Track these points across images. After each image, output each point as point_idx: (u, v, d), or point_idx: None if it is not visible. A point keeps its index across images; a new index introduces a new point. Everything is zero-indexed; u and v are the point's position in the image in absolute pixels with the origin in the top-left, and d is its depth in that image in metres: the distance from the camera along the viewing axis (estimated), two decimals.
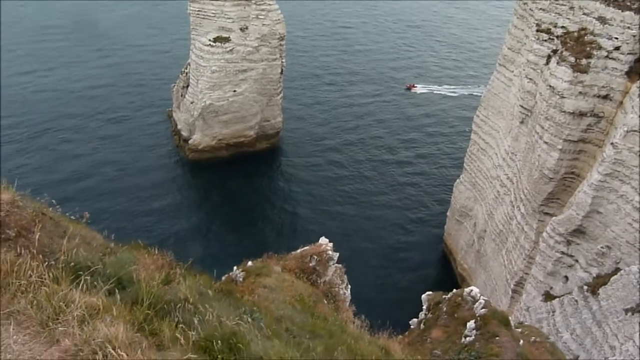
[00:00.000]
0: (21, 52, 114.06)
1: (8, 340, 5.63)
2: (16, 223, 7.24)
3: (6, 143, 79.84)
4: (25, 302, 5.95)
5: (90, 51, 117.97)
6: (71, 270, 6.74)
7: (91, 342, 5.24)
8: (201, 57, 76.62)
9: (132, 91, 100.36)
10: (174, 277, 8.04)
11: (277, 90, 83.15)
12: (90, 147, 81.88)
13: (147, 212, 69.24)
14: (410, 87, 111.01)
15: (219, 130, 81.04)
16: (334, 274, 21.03)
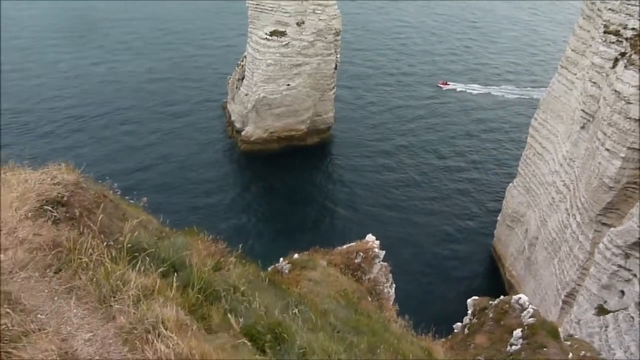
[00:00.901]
0: (94, 44, 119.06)
1: (69, 314, 5.95)
2: (80, 203, 7.60)
3: (73, 130, 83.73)
4: (86, 279, 6.27)
5: (153, 44, 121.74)
6: (128, 252, 7.03)
7: (145, 322, 5.46)
8: (257, 50, 77.70)
9: (190, 83, 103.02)
10: (224, 265, 8.24)
11: (330, 85, 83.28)
12: (149, 136, 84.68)
13: (198, 198, 71.13)
14: (442, 84, 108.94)
15: (271, 123, 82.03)
16: (379, 271, 20.94)
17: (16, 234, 6.91)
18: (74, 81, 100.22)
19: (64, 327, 5.76)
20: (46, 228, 7.05)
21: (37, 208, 7.32)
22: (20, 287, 6.30)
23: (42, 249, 6.72)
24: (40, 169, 8.37)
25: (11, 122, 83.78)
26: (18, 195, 7.50)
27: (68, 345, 5.41)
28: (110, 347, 5.39)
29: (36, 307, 6.06)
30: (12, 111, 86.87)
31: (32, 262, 6.60)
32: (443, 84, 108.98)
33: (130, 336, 5.36)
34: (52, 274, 6.51)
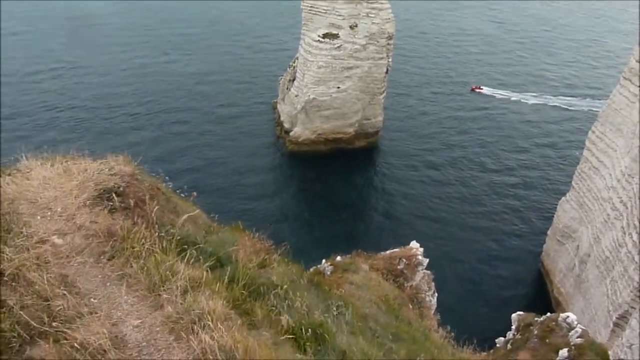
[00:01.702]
0: (151, 44, 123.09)
1: (120, 300, 6.20)
2: (134, 194, 7.89)
3: (128, 128, 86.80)
4: (137, 267, 6.50)
5: (209, 45, 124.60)
6: (178, 243, 7.24)
7: (191, 312, 5.61)
8: (309, 52, 78.26)
9: (242, 84, 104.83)
10: (269, 262, 8.35)
11: (381, 89, 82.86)
12: (200, 134, 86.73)
13: (244, 195, 72.29)
14: (475, 89, 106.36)
15: (320, 124, 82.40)
16: (421, 279, 20.66)
17: (74, 220, 7.26)
18: (131, 79, 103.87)
19: (114, 312, 6.00)
20: (102, 216, 7.37)
21: (95, 197, 7.66)
22: (76, 271, 6.61)
23: (97, 236, 7.03)
24: (99, 160, 8.76)
25: (70, 118, 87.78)
26: (78, 184, 7.87)
27: (118, 330, 5.63)
28: (157, 335, 5.57)
29: (90, 291, 6.33)
30: (71, 106, 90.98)
31: (87, 248, 6.91)
32: (476, 88, 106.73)
33: (177, 325, 5.52)
34: (106, 260, 6.79)
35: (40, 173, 8.27)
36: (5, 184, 7.87)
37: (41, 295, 6.13)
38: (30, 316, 5.95)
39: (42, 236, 6.95)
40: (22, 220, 7.21)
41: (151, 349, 5.40)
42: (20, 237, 6.90)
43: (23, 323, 5.95)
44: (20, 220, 7.23)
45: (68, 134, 78.98)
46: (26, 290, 6.26)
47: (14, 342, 5.92)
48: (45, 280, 6.21)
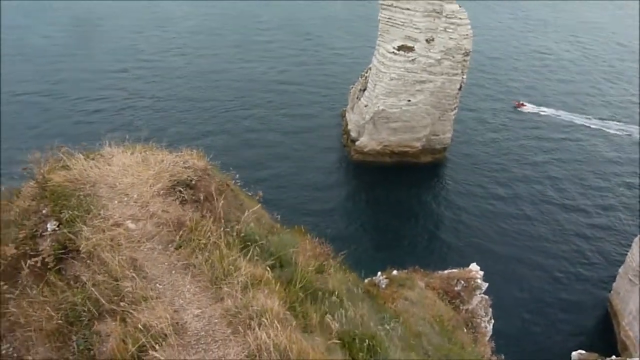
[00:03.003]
0: (232, 44, 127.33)
1: (183, 288, 6.45)
2: (205, 188, 8.19)
3: (201, 122, 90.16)
4: (202, 259, 6.74)
5: (288, 48, 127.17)
6: (242, 240, 7.44)
7: (249, 308, 5.75)
8: (383, 63, 78.10)
9: (315, 89, 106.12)
10: (327, 268, 8.40)
11: (452, 106, 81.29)
12: (268, 136, 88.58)
13: (306, 199, 73.01)
14: (518, 106, 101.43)
15: (387, 136, 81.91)
16: (478, 303, 20.03)
17: (148, 208, 7.63)
18: (210, 76, 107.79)
19: (177, 299, 6.25)
20: (174, 206, 7.70)
21: (169, 187, 8.02)
22: (145, 256, 6.94)
23: (167, 225, 7.35)
24: (175, 153, 9.16)
25: (151, 112, 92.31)
26: (154, 174, 8.28)
27: (179, 317, 5.86)
28: (216, 326, 5.75)
29: (156, 276, 6.63)
30: (152, 103, 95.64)
31: (158, 235, 7.24)
32: (519, 105, 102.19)
33: (235, 319, 5.67)
34: (173, 249, 7.09)
35: (121, 160, 8.75)
36: (89, 167, 8.40)
37: (112, 275, 6.49)
38: (101, 293, 6.32)
39: (117, 220, 7.36)
40: (101, 203, 7.66)
41: (209, 339, 5.58)
42: (97, 219, 7.34)
43: (93, 299, 6.32)
44: (99, 202, 7.69)
45: (149, 126, 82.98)
46: (99, 268, 6.66)
47: (84, 316, 6.30)
48: (116, 261, 6.57)
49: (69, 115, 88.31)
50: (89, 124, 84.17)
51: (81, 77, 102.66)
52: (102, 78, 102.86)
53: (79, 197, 7.68)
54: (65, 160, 8.61)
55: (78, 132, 75.21)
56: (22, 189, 8.68)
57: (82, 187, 7.93)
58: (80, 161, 8.53)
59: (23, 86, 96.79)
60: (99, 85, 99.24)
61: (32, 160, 8.70)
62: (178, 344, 5.43)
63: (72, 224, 7.21)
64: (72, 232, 7.09)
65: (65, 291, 6.59)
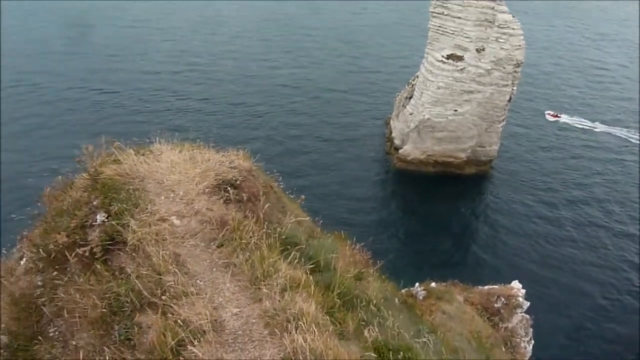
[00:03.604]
0: (282, 49, 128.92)
1: (223, 287, 6.53)
2: (249, 189, 8.30)
3: (247, 127, 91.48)
4: (242, 259, 6.82)
5: (335, 55, 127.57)
6: (282, 243, 7.49)
7: (287, 311, 5.77)
8: (430, 71, 77.22)
9: (361, 97, 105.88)
10: (366, 275, 8.34)
11: (500, 117, 79.48)
12: (312, 139, 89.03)
13: (347, 206, 72.76)
14: (553, 117, 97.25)
15: (431, 146, 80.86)
16: (519, 322, 19.44)
17: (193, 205, 7.78)
18: (257, 81, 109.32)
19: (216, 297, 6.33)
20: (218, 205, 7.83)
21: (214, 186, 8.17)
22: (187, 252, 7.08)
23: (211, 223, 7.47)
24: (221, 152, 9.33)
25: (200, 111, 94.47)
26: (200, 172, 8.45)
27: (218, 314, 5.94)
28: (253, 327, 5.79)
29: (197, 273, 6.75)
30: (203, 102, 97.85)
31: (201, 232, 7.38)
32: (554, 116, 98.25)
33: (272, 321, 5.70)
34: (215, 247, 7.20)
35: (169, 157, 8.98)
36: (139, 162, 8.65)
37: (155, 269, 6.65)
38: (144, 286, 6.48)
39: (163, 215, 7.53)
40: (149, 198, 7.87)
41: (245, 339, 5.63)
42: (144, 213, 7.54)
43: (136, 291, 6.49)
44: (147, 197, 7.90)
45: (196, 126, 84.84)
46: (143, 262, 6.83)
47: (127, 306, 6.47)
48: (160, 255, 6.72)
49: (121, 112, 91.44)
50: (140, 122, 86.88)
51: (135, 76, 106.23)
52: (154, 78, 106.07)
53: (128, 190, 7.91)
54: (117, 155, 8.90)
55: (129, 128, 77.68)
56: (75, 181, 9.03)
57: (131, 182, 8.16)
58: (130, 156, 8.80)
59: (80, 82, 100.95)
60: (151, 85, 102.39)
61: (85, 153, 9.02)
62: (216, 341, 5.50)
63: (121, 216, 7.42)
64: (120, 224, 7.31)
65: (110, 281, 6.78)
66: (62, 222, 8.04)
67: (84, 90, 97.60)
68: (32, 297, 7.79)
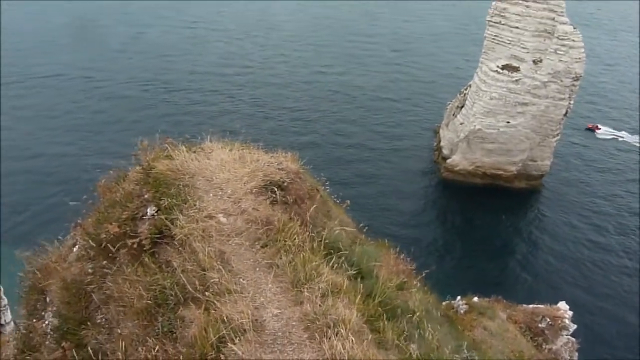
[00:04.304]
0: (332, 55, 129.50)
1: (265, 287, 6.57)
2: (295, 191, 8.34)
3: (294, 132, 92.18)
4: (286, 260, 6.84)
5: (386, 63, 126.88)
6: (325, 247, 7.47)
7: (327, 316, 5.74)
8: (484, 81, 75.65)
9: (409, 102, 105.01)
10: (408, 286, 8.22)
11: (555, 132, 76.92)
12: (359, 145, 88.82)
13: (391, 214, 72.19)
14: (592, 128, 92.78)
15: (480, 157, 79.16)
16: (564, 345, 18.71)
17: (240, 204, 7.89)
18: (308, 85, 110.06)
19: (258, 297, 6.38)
20: (264, 205, 7.90)
21: (261, 186, 8.25)
22: (232, 251, 7.17)
23: (256, 223, 7.55)
24: (270, 154, 9.43)
25: (250, 111, 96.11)
26: (249, 172, 8.56)
27: (259, 314, 5.98)
28: (293, 329, 5.79)
29: (241, 271, 6.82)
30: (253, 103, 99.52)
31: (246, 231, 7.46)
32: (593, 127, 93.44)
33: (312, 325, 5.68)
34: (259, 247, 7.26)
35: (219, 155, 9.14)
36: (190, 159, 8.85)
37: (200, 265, 6.77)
38: (188, 281, 6.61)
39: (210, 212, 7.67)
40: (197, 195, 8.04)
41: (285, 341, 5.64)
42: (193, 209, 7.70)
43: (181, 285, 6.63)
44: (195, 194, 8.06)
45: (246, 126, 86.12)
46: (189, 257, 6.97)
47: (171, 299, 6.62)
48: (206, 252, 6.84)
49: (174, 110, 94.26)
50: (192, 120, 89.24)
51: (188, 76, 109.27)
52: (207, 78, 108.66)
53: (178, 186, 8.10)
54: (169, 151, 9.14)
55: (182, 126, 79.86)
56: (129, 174, 9.33)
57: (182, 178, 8.36)
58: (182, 153, 9.02)
59: (136, 80, 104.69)
60: (204, 85, 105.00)
61: (140, 148, 9.32)
62: (255, 341, 5.53)
63: (170, 211, 7.60)
64: (169, 219, 7.49)
65: (156, 274, 6.95)
66: (114, 213, 8.32)
67: (140, 88, 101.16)
68: (83, 284, 8.09)
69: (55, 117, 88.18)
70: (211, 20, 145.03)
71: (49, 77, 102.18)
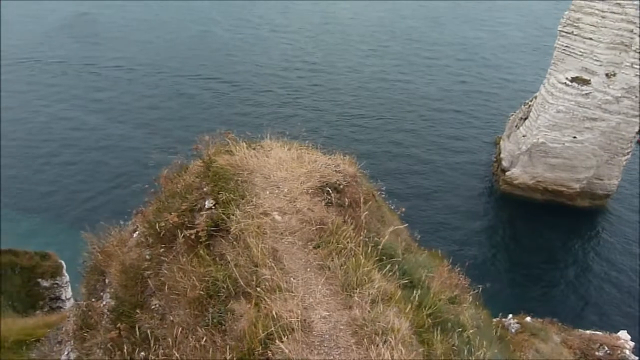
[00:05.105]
0: (393, 59, 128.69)
1: (315, 288, 6.56)
2: (351, 195, 8.30)
3: (354, 130, 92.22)
4: (337, 263, 6.81)
5: (450, 71, 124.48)
6: (378, 253, 7.39)
7: (376, 323, 5.66)
8: (551, 93, 72.78)
9: (471, 111, 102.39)
10: (460, 300, 8.00)
11: (625, 150, 72.94)
12: (416, 152, 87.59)
13: (444, 223, 70.70)
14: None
15: (542, 172, 76.19)
16: None
17: (295, 204, 7.93)
18: (369, 87, 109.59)
19: (308, 297, 6.38)
20: (319, 207, 7.91)
21: (317, 187, 8.26)
22: (285, 249, 7.21)
23: (310, 223, 7.56)
24: (328, 155, 9.43)
25: (309, 108, 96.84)
26: (306, 172, 8.59)
27: (307, 315, 5.97)
28: (340, 333, 5.75)
29: (292, 270, 6.85)
30: (311, 104, 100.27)
31: (300, 231, 7.49)
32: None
33: (360, 331, 5.62)
34: (312, 247, 7.27)
35: (278, 154, 9.24)
36: (249, 156, 8.99)
37: (253, 261, 6.85)
38: (240, 275, 6.70)
39: (266, 209, 7.75)
40: (255, 191, 8.15)
41: (332, 344, 5.60)
42: (249, 205, 7.81)
43: (233, 279, 6.73)
44: (253, 190, 8.18)
45: (304, 126, 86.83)
46: (242, 252, 7.07)
47: (222, 292, 6.73)
48: (259, 248, 6.91)
49: (237, 107, 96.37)
50: (253, 117, 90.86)
51: (252, 75, 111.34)
52: (271, 78, 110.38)
53: (236, 181, 8.24)
54: (230, 146, 9.32)
55: (243, 123, 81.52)
56: (190, 166, 9.60)
57: (240, 173, 8.50)
58: (242, 149, 9.17)
59: (201, 77, 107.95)
60: (267, 84, 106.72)
61: (201, 142, 9.56)
62: (303, 341, 5.53)
63: (227, 205, 7.75)
64: (226, 213, 7.62)
65: (210, 266, 7.09)
66: (174, 204, 8.57)
67: (205, 85, 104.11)
68: (140, 269, 8.37)
69: (127, 109, 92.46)
70: (276, 21, 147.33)
71: (123, 70, 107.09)
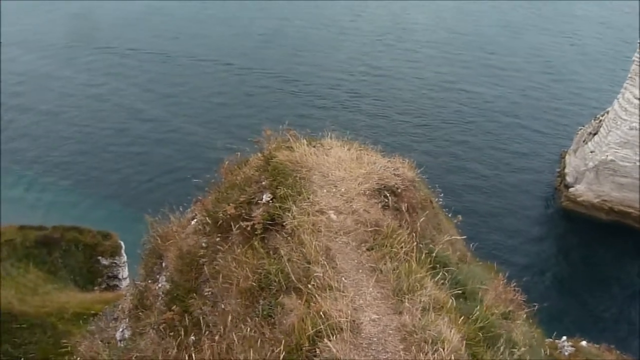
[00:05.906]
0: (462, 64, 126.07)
1: (365, 290, 6.55)
2: (408, 199, 8.22)
3: (415, 136, 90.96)
4: (390, 267, 6.76)
5: (523, 79, 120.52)
6: (432, 260, 7.28)
7: (426, 331, 5.59)
8: (625, 109, 69.16)
9: (538, 124, 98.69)
10: (514, 317, 7.76)
11: None
12: (475, 161, 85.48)
13: (501, 234, 68.71)
14: None
15: (609, 190, 72.57)
16: None
17: (351, 204, 7.94)
18: (432, 93, 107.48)
19: (358, 299, 6.37)
20: (375, 209, 7.88)
21: (374, 189, 8.24)
22: (338, 248, 7.24)
23: (365, 225, 7.55)
24: (387, 158, 9.38)
25: (372, 110, 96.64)
26: (364, 173, 8.59)
27: (356, 316, 5.97)
28: (389, 337, 5.71)
29: (344, 270, 6.86)
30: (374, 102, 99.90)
31: (354, 232, 7.49)
32: None
33: (409, 337, 5.56)
34: (365, 249, 7.26)
35: (337, 153, 9.27)
36: (309, 153, 9.08)
37: (306, 257, 6.91)
38: (292, 270, 6.78)
39: (322, 207, 7.80)
40: (312, 189, 8.22)
41: (379, 348, 5.58)
42: (306, 202, 7.89)
43: (285, 273, 6.82)
44: (310, 187, 8.25)
45: (366, 127, 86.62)
46: (296, 248, 7.15)
47: (274, 285, 6.84)
48: (313, 245, 6.97)
49: (300, 104, 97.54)
50: (315, 116, 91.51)
51: (317, 73, 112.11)
52: (337, 77, 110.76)
53: (295, 178, 8.34)
54: (291, 142, 9.44)
55: (305, 120, 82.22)
56: (250, 159, 9.81)
57: (299, 170, 8.60)
58: (303, 146, 9.27)
59: (272, 71, 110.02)
60: (333, 83, 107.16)
61: (263, 136, 9.76)
62: (351, 342, 5.53)
63: (284, 200, 7.86)
64: (282, 208, 7.74)
65: (263, 258, 7.23)
66: (232, 195, 8.79)
67: (272, 80, 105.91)
68: (196, 256, 8.65)
69: (194, 99, 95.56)
70: (346, 23, 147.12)
71: (195, 63, 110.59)
